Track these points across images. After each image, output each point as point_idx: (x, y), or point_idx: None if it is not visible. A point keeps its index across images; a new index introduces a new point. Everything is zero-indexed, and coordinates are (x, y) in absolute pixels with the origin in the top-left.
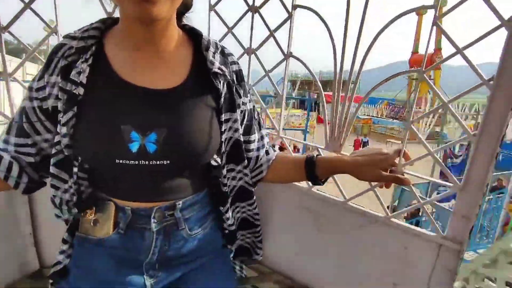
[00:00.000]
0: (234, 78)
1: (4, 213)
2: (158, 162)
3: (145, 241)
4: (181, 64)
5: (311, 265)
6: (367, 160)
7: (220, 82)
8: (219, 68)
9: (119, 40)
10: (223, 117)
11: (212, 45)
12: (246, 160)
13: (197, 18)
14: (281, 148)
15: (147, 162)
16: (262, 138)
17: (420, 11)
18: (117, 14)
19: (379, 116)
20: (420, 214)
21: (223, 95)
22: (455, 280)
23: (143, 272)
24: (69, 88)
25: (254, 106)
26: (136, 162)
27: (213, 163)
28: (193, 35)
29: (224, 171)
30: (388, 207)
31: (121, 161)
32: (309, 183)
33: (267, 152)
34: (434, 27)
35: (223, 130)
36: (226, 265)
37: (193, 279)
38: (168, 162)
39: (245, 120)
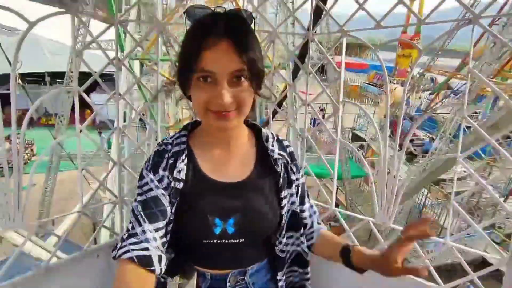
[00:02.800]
0: (289, 160)
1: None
2: (235, 240)
3: None
4: (248, 155)
5: None
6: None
7: (279, 166)
8: (279, 154)
9: (202, 140)
10: (282, 194)
11: (269, 136)
12: (303, 227)
13: None
14: None
15: (227, 241)
16: (311, 206)
17: None
18: None
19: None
20: None
21: (281, 176)
22: None
23: None
24: (173, 185)
25: (305, 181)
26: (219, 241)
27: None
28: (254, 129)
29: (284, 239)
30: None
31: (207, 241)
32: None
33: (318, 222)
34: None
35: (283, 205)
36: None
37: None
38: (243, 240)
39: (299, 192)
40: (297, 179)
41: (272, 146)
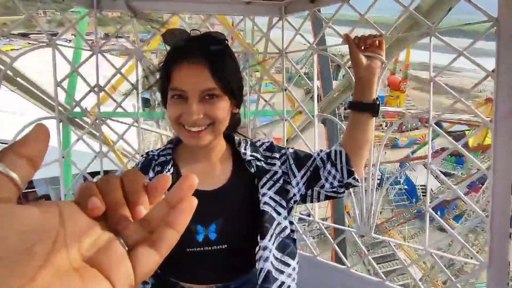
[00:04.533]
0: (265, 157)
1: None
2: (218, 247)
3: None
4: (226, 164)
5: None
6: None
7: (253, 166)
8: (251, 156)
9: (184, 155)
10: (257, 194)
11: (242, 141)
12: (327, 164)
13: None
14: None
15: (210, 248)
16: (317, 154)
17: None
18: None
19: None
20: None
21: (256, 176)
22: None
23: None
24: None
25: (293, 151)
26: (202, 249)
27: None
28: (229, 138)
29: (263, 243)
30: None
31: (190, 249)
32: (347, 264)
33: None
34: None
35: (258, 205)
36: None
37: None
38: (226, 246)
39: (294, 160)
40: (283, 155)
41: (245, 149)
